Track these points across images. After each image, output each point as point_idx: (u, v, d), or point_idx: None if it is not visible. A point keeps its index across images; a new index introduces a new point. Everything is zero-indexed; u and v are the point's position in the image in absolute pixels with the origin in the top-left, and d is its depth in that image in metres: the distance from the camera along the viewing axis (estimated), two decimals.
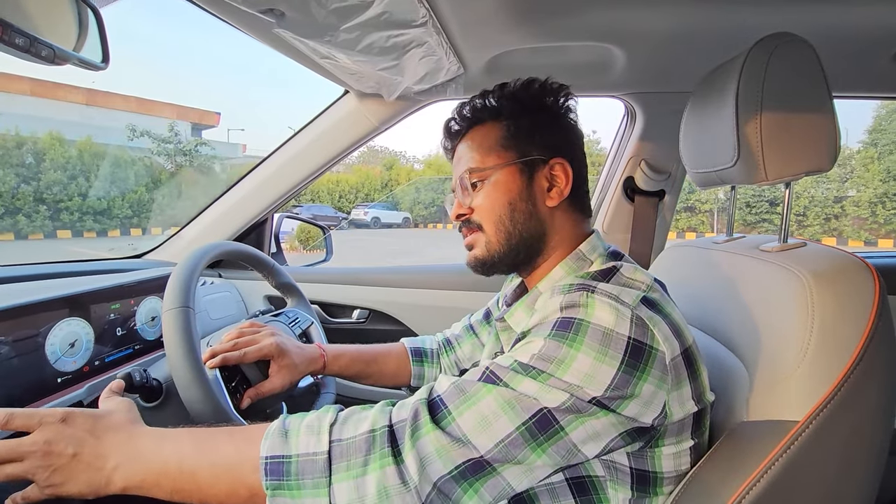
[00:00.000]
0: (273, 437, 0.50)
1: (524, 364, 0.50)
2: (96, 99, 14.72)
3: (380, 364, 0.92)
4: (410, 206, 18.88)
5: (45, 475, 0.50)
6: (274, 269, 1.03)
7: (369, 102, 1.13)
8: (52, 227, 9.44)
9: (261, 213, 1.29)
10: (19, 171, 9.49)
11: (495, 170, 0.66)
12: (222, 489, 0.51)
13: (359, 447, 0.48)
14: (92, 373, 0.85)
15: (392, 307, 1.34)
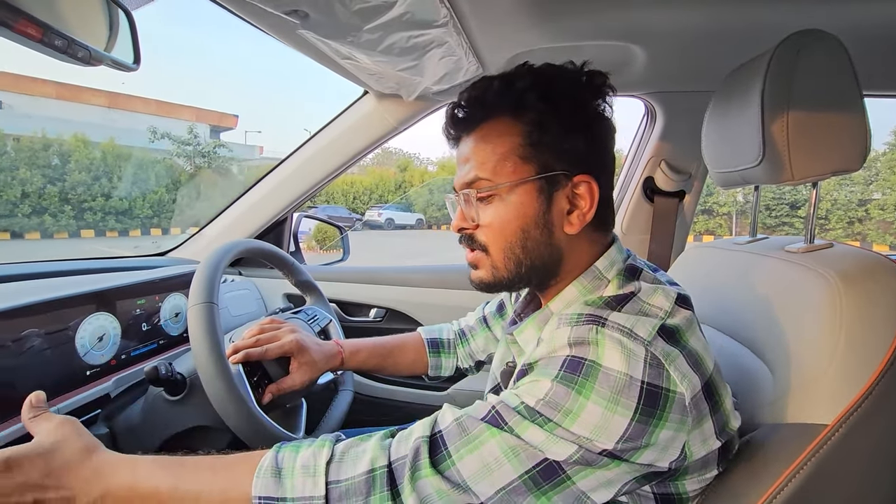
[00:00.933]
0: (265, 477, 0.47)
1: (531, 408, 0.47)
2: (118, 102, 15.10)
3: (397, 356, 0.93)
4: (424, 208, 18.90)
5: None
6: (294, 267, 1.04)
7: (388, 103, 1.14)
8: (76, 227, 9.70)
9: (281, 212, 1.31)
10: (46, 171, 9.77)
11: (509, 187, 0.56)
12: None
13: (358, 489, 0.46)
14: (119, 366, 0.87)
15: (408, 306, 1.35)
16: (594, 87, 0.57)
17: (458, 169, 0.61)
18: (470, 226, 0.60)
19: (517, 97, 0.56)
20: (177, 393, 0.78)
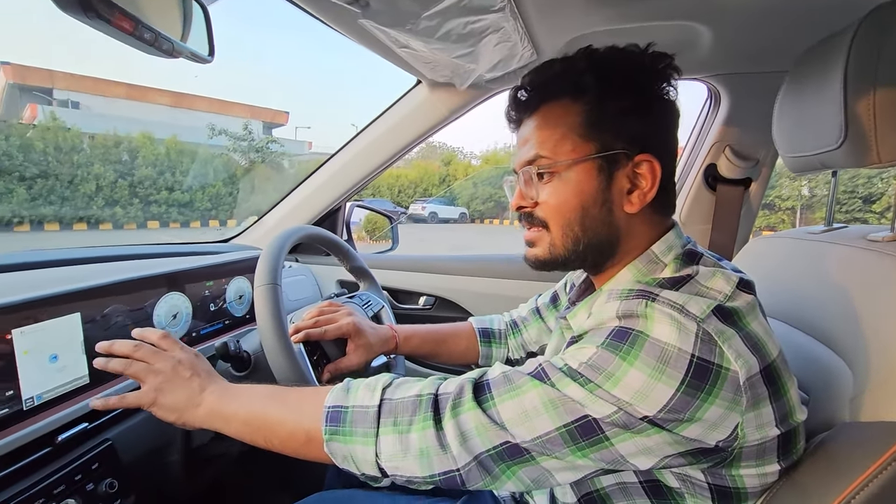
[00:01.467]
0: (337, 392, 0.57)
1: (573, 369, 0.48)
2: (181, 101, 16.03)
3: (449, 344, 0.94)
4: (467, 202, 18.89)
5: (158, 381, 0.62)
6: (349, 254, 1.07)
7: (440, 92, 1.15)
8: (143, 218, 10.42)
9: (335, 201, 1.36)
10: (117, 167, 10.52)
11: (568, 164, 0.56)
12: (285, 430, 0.57)
13: (405, 407, 0.52)
14: (190, 343, 0.93)
15: (458, 295, 1.36)
16: (656, 70, 0.57)
17: (518, 150, 0.62)
18: (529, 204, 0.61)
19: (576, 79, 0.57)
20: (242, 369, 0.83)
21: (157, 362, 0.64)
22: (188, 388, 0.62)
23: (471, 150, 29.01)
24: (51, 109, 11.92)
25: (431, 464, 0.49)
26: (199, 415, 0.61)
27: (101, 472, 0.69)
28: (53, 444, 0.65)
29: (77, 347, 0.70)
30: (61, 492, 0.63)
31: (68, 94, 13.81)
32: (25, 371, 0.62)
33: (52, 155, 9.64)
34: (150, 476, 0.76)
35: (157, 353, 0.65)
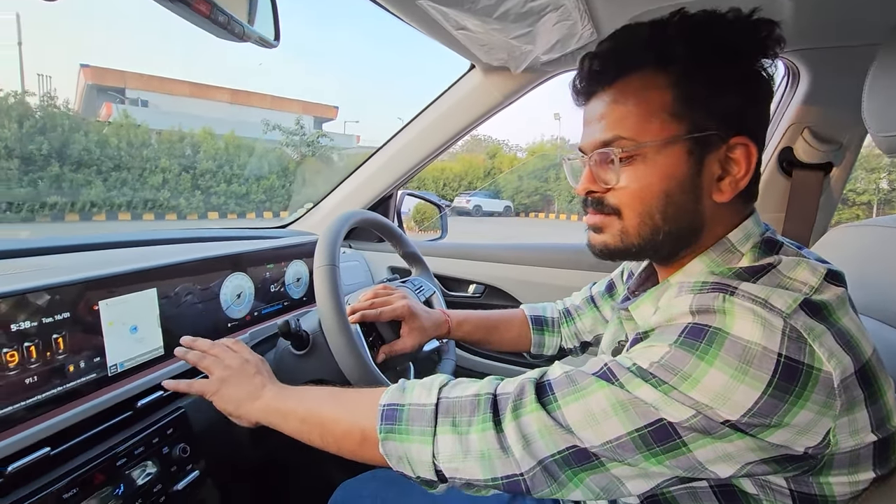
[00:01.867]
0: (392, 391, 0.56)
1: (643, 369, 0.44)
2: (238, 97, 16.83)
3: (501, 331, 0.94)
4: (512, 195, 18.68)
5: (225, 374, 0.66)
6: (402, 239, 1.08)
7: (494, 76, 1.13)
8: (204, 209, 11.06)
9: (388, 188, 1.37)
10: (181, 161, 11.21)
11: (655, 146, 0.50)
12: (340, 429, 0.57)
13: (463, 407, 0.50)
14: (252, 321, 0.98)
15: (508, 283, 1.35)
16: (758, 39, 0.50)
17: (588, 128, 0.56)
18: (600, 189, 0.55)
19: (664, 47, 0.50)
20: (301, 348, 0.85)
21: (227, 358, 0.69)
22: (250, 384, 0.66)
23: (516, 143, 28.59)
24: (123, 107, 12.85)
25: (493, 467, 0.47)
26: (256, 408, 0.63)
27: (175, 437, 0.73)
28: (133, 408, 0.69)
29: (154, 320, 0.75)
30: (140, 453, 0.68)
31: (139, 93, 14.83)
32: (110, 340, 0.67)
33: (124, 150, 10.40)
34: (218, 443, 0.80)
35: (228, 351, 0.71)
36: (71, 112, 10.73)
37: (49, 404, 0.58)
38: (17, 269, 0.65)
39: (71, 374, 0.61)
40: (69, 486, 0.58)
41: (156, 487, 0.68)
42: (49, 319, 0.59)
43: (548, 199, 19.24)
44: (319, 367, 0.86)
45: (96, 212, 9.61)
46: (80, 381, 0.63)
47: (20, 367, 0.55)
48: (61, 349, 0.60)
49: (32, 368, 0.57)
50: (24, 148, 9.34)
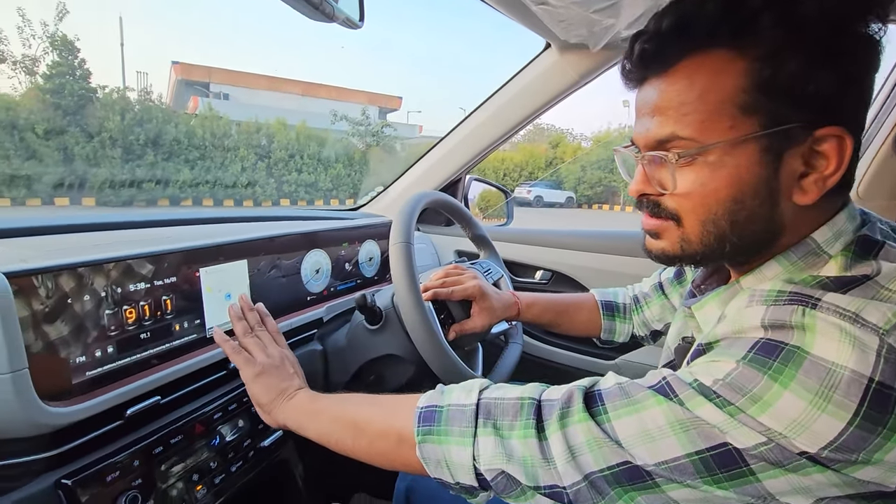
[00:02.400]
0: (430, 393, 0.54)
1: (705, 387, 0.39)
2: (310, 89, 17.61)
3: (571, 314, 0.92)
4: (575, 185, 18.13)
5: (266, 362, 0.66)
6: (472, 222, 1.08)
7: (571, 55, 1.09)
8: (276, 197, 11.77)
9: (458, 171, 1.38)
10: (257, 150, 11.97)
11: (724, 147, 0.42)
12: (374, 429, 0.54)
13: (505, 409, 0.48)
14: (329, 296, 1.03)
15: (576, 270, 1.31)
16: None
17: (640, 120, 0.48)
18: (655, 192, 0.48)
19: (744, 19, 0.41)
20: (375, 322, 0.89)
21: (270, 347, 0.69)
22: (287, 381, 0.65)
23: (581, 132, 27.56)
24: (207, 101, 13.85)
25: (536, 475, 0.44)
26: (287, 407, 0.62)
27: None
28: (227, 369, 0.75)
29: (245, 290, 0.81)
30: (233, 410, 0.74)
31: (221, 86, 15.92)
32: (208, 305, 0.73)
33: (208, 140, 11.27)
34: None
35: (272, 341, 0.71)
36: (163, 105, 11.75)
37: (159, 358, 0.65)
38: (131, 239, 0.72)
39: (176, 333, 0.68)
40: (175, 433, 0.64)
41: (245, 443, 0.74)
42: (160, 282, 0.65)
43: (613, 191, 18.49)
44: (391, 342, 0.89)
45: (184, 197, 10.50)
46: (184, 340, 0.69)
47: (136, 323, 0.62)
48: (169, 310, 0.67)
49: (146, 325, 0.63)
50: (125, 138, 10.37)
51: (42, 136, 9.87)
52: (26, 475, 0.51)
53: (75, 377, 0.54)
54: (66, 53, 10.74)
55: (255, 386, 0.65)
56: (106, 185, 10.21)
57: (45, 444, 0.51)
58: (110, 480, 0.55)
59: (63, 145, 10.04)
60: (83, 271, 0.55)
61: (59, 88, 10.33)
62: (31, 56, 10.61)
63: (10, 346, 0.47)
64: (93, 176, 10.09)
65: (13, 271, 0.48)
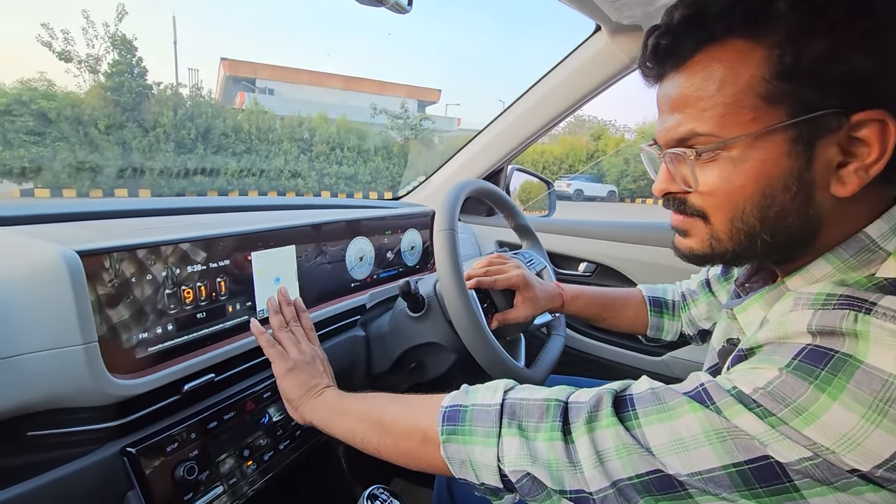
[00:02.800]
0: (455, 393, 0.53)
1: (745, 395, 0.37)
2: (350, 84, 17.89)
3: (617, 309, 0.89)
4: (617, 178, 17.61)
5: (299, 358, 0.68)
6: (515, 211, 1.07)
7: (622, 38, 1.05)
8: (318, 188, 12.08)
9: (501, 161, 1.36)
10: (300, 144, 12.31)
11: (746, 141, 0.41)
12: (399, 428, 0.54)
13: (531, 410, 0.47)
14: (372, 284, 1.04)
15: (621, 262, 1.27)
16: None
17: (661, 117, 0.46)
18: (680, 190, 0.47)
19: (759, 6, 0.39)
20: (417, 310, 0.89)
21: (304, 343, 0.70)
22: (318, 378, 0.67)
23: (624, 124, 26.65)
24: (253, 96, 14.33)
25: (562, 479, 0.43)
26: (315, 405, 0.64)
27: None
28: None
29: (292, 274, 0.83)
30: None
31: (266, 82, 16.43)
32: (259, 287, 0.75)
33: (254, 135, 11.68)
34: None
35: (306, 338, 0.72)
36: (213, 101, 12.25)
37: (213, 338, 0.67)
38: (186, 224, 0.75)
39: (230, 314, 0.70)
40: (228, 409, 0.67)
41: (292, 422, 0.75)
42: (214, 265, 0.68)
43: None
44: (433, 329, 0.89)
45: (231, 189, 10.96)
46: (236, 321, 0.71)
47: (193, 303, 0.65)
48: (223, 291, 0.69)
49: (202, 305, 0.66)
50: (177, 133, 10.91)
51: (103, 131, 10.51)
52: (94, 442, 0.54)
53: (138, 352, 0.57)
54: (125, 52, 11.35)
55: (286, 381, 0.66)
56: (160, 176, 10.79)
57: (111, 414, 0.54)
58: (170, 451, 0.58)
59: (122, 139, 10.66)
60: (146, 252, 0.58)
61: (119, 86, 10.94)
62: (95, 55, 11.27)
63: (82, 319, 0.50)
64: (148, 168, 10.69)
65: (85, 250, 0.51)
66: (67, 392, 0.50)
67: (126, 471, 0.54)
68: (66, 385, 0.50)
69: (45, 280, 0.49)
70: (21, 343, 0.48)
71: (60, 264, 0.49)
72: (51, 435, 0.52)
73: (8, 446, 0.50)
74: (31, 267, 0.49)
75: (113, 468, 0.54)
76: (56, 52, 11.11)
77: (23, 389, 0.48)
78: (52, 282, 0.48)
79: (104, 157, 10.36)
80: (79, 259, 0.50)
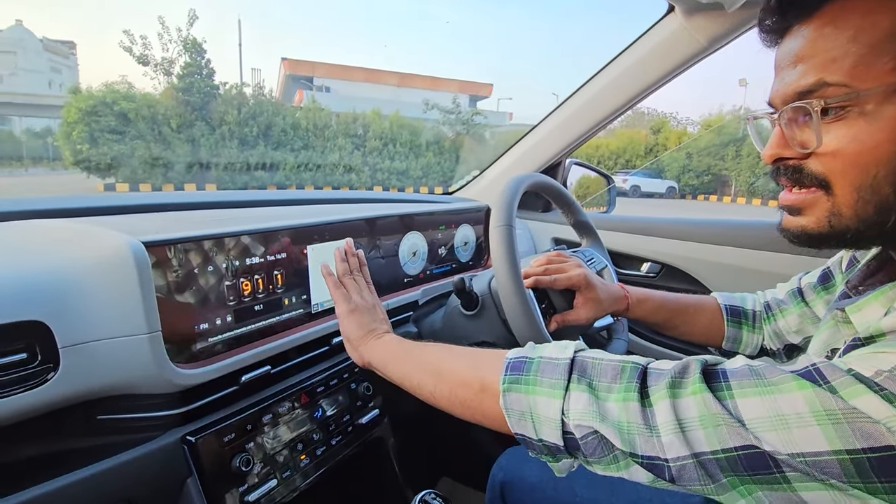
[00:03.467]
0: (519, 349, 0.50)
1: (865, 377, 0.32)
2: (404, 80, 18.12)
3: (689, 316, 0.81)
4: (678, 174, 16.75)
5: (359, 303, 0.67)
6: (575, 207, 1.01)
7: (699, 18, 0.96)
8: (370, 183, 12.36)
9: (559, 153, 1.30)
10: (354, 140, 12.64)
11: (882, 93, 0.37)
12: (457, 377, 0.52)
13: (603, 370, 0.43)
14: (424, 279, 1.02)
15: (690, 263, 1.17)
16: None
17: (780, 75, 0.43)
18: (797, 154, 0.42)
19: None
20: (471, 308, 0.86)
21: (364, 292, 0.70)
22: (377, 323, 0.67)
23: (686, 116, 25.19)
24: (311, 94, 14.85)
25: (633, 441, 0.39)
26: (375, 346, 0.63)
27: (360, 374, 0.80)
28: (329, 344, 0.77)
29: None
30: (335, 385, 0.76)
31: (323, 80, 16.97)
32: (314, 281, 0.75)
33: (311, 131, 12.12)
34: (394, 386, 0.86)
35: (367, 289, 0.71)
36: (273, 99, 12.82)
37: (270, 330, 0.68)
38: (245, 216, 0.76)
39: (286, 307, 0.71)
40: (283, 400, 0.67)
41: (344, 417, 0.75)
42: (272, 257, 0.68)
43: (722, 180, 16.80)
44: (487, 328, 0.86)
45: (289, 183, 11.45)
46: (292, 314, 0.72)
47: (251, 295, 0.65)
48: (279, 284, 0.69)
49: (259, 298, 0.66)
50: (241, 130, 11.52)
51: (175, 129, 11.28)
52: (157, 428, 0.55)
53: (199, 342, 0.58)
54: (195, 55, 12.09)
55: (348, 321, 0.66)
56: (224, 171, 11.45)
57: (173, 402, 0.55)
58: (227, 441, 0.59)
59: (191, 137, 11.40)
60: (207, 244, 0.59)
61: (189, 86, 11.68)
62: (168, 58, 12.09)
63: (147, 309, 0.51)
64: (214, 164, 11.37)
65: (151, 241, 0.52)
66: (133, 379, 0.52)
67: (186, 458, 0.55)
68: (132, 373, 0.51)
69: (113, 270, 0.50)
70: (90, 331, 0.49)
71: (128, 254, 0.50)
72: (118, 420, 0.53)
73: (80, 427, 0.52)
74: (100, 257, 0.50)
75: (174, 455, 0.55)
76: (135, 57, 12.02)
77: (91, 375, 0.49)
78: (119, 272, 0.50)
79: (175, 154, 11.13)
80: (145, 250, 0.51)
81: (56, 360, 0.47)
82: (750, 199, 15.87)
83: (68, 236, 0.57)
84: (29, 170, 23.74)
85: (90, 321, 0.49)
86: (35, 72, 39.77)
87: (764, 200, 15.69)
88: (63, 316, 0.48)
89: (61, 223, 0.62)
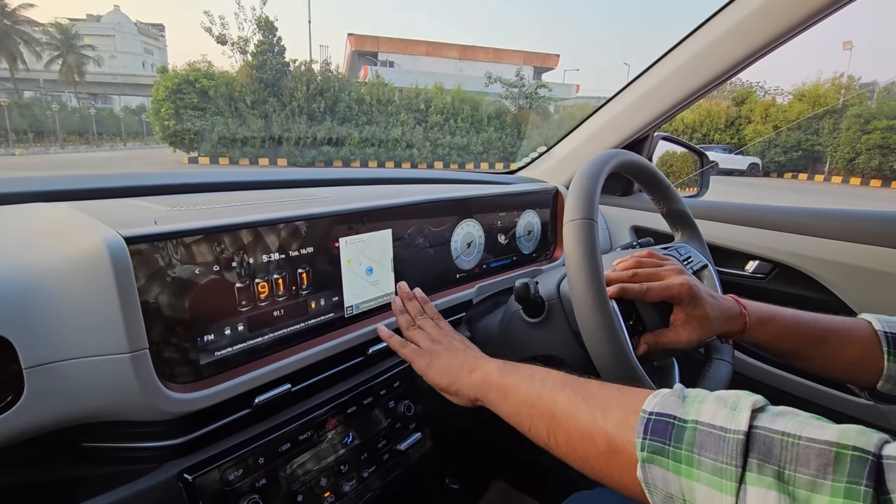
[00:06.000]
0: (664, 396, 0.39)
1: None
2: (466, 53, 17.65)
3: (830, 346, 0.60)
4: (763, 150, 15.17)
5: (434, 347, 0.61)
6: (670, 193, 0.81)
7: None
8: (431, 159, 12.29)
9: (644, 128, 1.08)
10: (416, 115, 12.57)
11: None
12: (577, 428, 0.42)
13: (806, 457, 0.30)
14: (480, 274, 0.88)
15: (812, 264, 0.93)
16: None
17: None
18: None
19: None
20: (535, 315, 0.71)
21: (433, 331, 0.64)
22: (463, 356, 0.59)
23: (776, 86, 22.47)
24: (375, 69, 14.89)
25: None
26: (474, 379, 0.55)
27: (401, 391, 0.68)
28: (365, 354, 0.66)
29: (387, 263, 0.69)
30: (369, 403, 0.64)
31: (387, 55, 16.94)
32: (347, 280, 0.63)
33: (374, 107, 12.20)
34: (439, 406, 0.73)
35: (436, 327, 0.65)
36: (339, 75, 13.01)
37: (292, 340, 0.57)
38: (270, 200, 0.65)
39: (312, 312, 0.59)
40: (305, 428, 0.56)
41: (380, 443, 0.64)
42: (295, 253, 0.56)
43: (815, 157, 15.00)
44: (554, 341, 0.70)
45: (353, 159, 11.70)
46: (320, 319, 0.60)
47: (269, 298, 0.54)
48: (304, 284, 0.58)
49: (280, 301, 0.55)
50: (309, 106, 11.85)
51: (249, 105, 11.79)
52: (152, 460, 0.46)
53: (202, 359, 0.48)
54: (268, 33, 12.47)
55: (431, 372, 0.59)
56: (294, 146, 11.89)
57: (169, 431, 0.46)
58: (233, 480, 0.48)
59: (264, 113, 11.89)
60: (212, 238, 0.48)
61: (262, 64, 12.11)
62: (244, 37, 12.56)
63: (129, 323, 0.40)
64: (285, 139, 11.83)
65: (133, 236, 0.42)
66: (115, 405, 0.42)
67: (183, 501, 0.45)
68: (113, 397, 0.41)
69: (85, 272, 0.40)
70: (61, 348, 0.40)
71: (103, 253, 0.39)
72: (104, 449, 0.44)
73: (64, 455, 0.44)
74: (73, 256, 0.40)
75: (169, 496, 0.45)
76: (214, 36, 12.62)
77: (64, 401, 0.40)
78: (93, 275, 0.39)
79: (249, 129, 11.68)
80: (125, 247, 0.40)
81: (19, 384, 0.38)
82: (847, 178, 14.08)
83: (43, 227, 0.48)
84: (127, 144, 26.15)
85: (62, 336, 0.40)
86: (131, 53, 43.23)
87: (864, 179, 13.87)
88: (28, 330, 0.38)
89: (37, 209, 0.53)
